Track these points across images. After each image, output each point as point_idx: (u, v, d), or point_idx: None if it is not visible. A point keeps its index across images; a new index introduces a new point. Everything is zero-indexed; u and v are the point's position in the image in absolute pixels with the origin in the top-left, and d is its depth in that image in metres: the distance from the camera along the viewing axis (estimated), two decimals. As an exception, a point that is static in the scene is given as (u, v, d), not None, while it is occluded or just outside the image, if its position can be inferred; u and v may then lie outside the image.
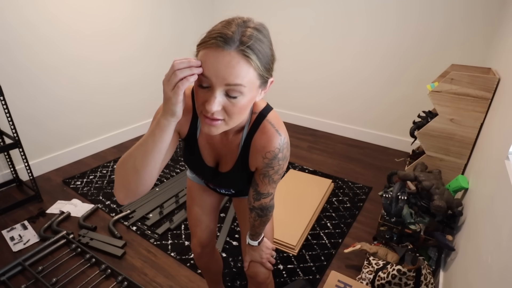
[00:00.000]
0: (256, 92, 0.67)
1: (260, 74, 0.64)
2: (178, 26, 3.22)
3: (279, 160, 0.79)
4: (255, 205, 0.90)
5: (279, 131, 0.77)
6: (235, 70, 0.59)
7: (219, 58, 0.59)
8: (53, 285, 1.51)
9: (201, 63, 0.60)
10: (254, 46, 0.60)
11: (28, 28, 2.10)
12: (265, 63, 0.64)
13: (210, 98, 0.62)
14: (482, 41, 2.38)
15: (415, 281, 1.38)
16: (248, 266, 1.05)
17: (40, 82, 2.26)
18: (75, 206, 2.10)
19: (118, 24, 2.67)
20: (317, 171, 2.63)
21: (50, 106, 2.37)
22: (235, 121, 0.68)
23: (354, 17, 2.85)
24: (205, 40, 0.61)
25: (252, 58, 0.60)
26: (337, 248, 1.81)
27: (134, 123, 3.12)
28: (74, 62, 2.43)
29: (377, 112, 3.06)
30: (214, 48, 0.59)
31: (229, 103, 0.63)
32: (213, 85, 0.61)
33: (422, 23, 2.57)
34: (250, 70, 0.61)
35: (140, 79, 3.02)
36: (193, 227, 1.14)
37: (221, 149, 0.84)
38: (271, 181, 0.83)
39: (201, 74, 0.61)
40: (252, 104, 0.70)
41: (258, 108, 0.79)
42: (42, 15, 2.15)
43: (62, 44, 2.32)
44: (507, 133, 1.22)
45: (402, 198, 1.62)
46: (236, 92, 0.62)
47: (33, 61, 2.19)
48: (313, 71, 3.27)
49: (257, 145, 0.78)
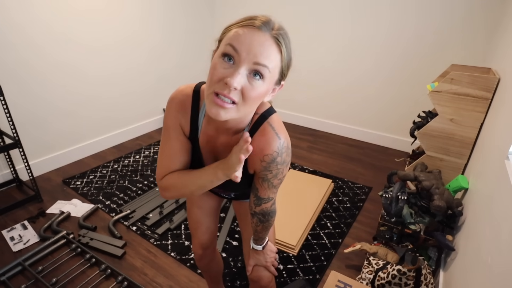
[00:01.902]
0: (271, 87, 0.68)
1: (282, 69, 0.67)
2: (178, 29, 3.23)
3: (277, 164, 0.77)
4: (256, 211, 0.88)
5: (278, 134, 0.75)
6: (267, 50, 0.62)
7: (255, 35, 0.61)
8: (53, 285, 1.51)
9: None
10: (285, 37, 0.65)
11: (28, 27, 2.10)
12: (288, 60, 0.68)
13: (234, 73, 0.61)
14: (482, 41, 2.37)
15: (415, 281, 1.38)
16: (252, 270, 1.03)
17: (40, 82, 2.26)
18: (75, 206, 2.10)
19: (118, 24, 2.67)
20: (317, 171, 2.63)
21: (50, 106, 2.37)
22: (246, 109, 0.67)
23: (354, 17, 2.85)
24: (241, 21, 0.64)
25: (283, 46, 0.64)
26: (337, 248, 1.81)
27: (134, 123, 3.12)
28: (74, 62, 2.43)
29: (377, 112, 3.06)
30: (251, 27, 0.62)
31: (249, 85, 0.63)
32: (240, 60, 0.61)
33: (422, 23, 2.57)
34: (277, 58, 0.64)
35: (140, 79, 3.02)
36: (193, 229, 1.13)
37: (221, 149, 0.83)
38: (270, 186, 0.82)
39: (232, 46, 0.62)
40: (262, 100, 0.70)
41: (261, 109, 0.78)
42: (43, 15, 2.15)
43: (63, 44, 2.32)
44: (507, 133, 1.22)
45: (402, 198, 1.62)
46: (260, 74, 0.63)
47: (33, 61, 2.19)
48: (313, 71, 3.27)
49: (255, 147, 0.75)
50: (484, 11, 2.30)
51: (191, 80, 3.44)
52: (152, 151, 2.90)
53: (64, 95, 2.44)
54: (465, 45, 2.45)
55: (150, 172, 2.55)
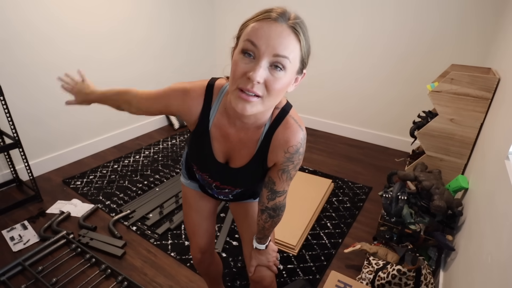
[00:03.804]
0: (293, 77, 0.69)
1: (302, 58, 0.68)
2: (176, 26, 3.22)
3: (299, 155, 0.80)
4: (269, 205, 0.89)
5: (301, 127, 0.79)
6: (286, 41, 0.62)
7: (272, 27, 0.62)
8: (53, 285, 1.51)
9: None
10: (302, 26, 0.65)
11: (27, 27, 2.10)
12: (307, 48, 0.68)
13: (255, 67, 0.62)
14: (482, 41, 2.37)
15: (415, 281, 1.38)
16: (254, 271, 1.03)
17: (40, 82, 2.26)
18: (75, 206, 2.10)
19: (118, 24, 2.67)
20: (317, 171, 2.63)
21: (50, 106, 2.37)
22: (271, 101, 0.68)
23: (354, 17, 2.85)
24: (256, 15, 0.65)
25: (301, 35, 0.64)
26: (337, 248, 1.81)
27: (134, 123, 3.12)
28: (74, 61, 2.43)
29: (377, 112, 3.06)
30: (267, 20, 0.63)
31: (271, 77, 0.63)
32: (260, 54, 0.62)
33: (422, 23, 2.57)
34: (297, 47, 0.65)
35: (139, 78, 3.02)
36: (191, 233, 1.13)
37: (235, 144, 0.83)
38: (288, 177, 0.84)
39: (250, 42, 0.62)
40: (286, 91, 0.71)
41: (281, 103, 0.80)
42: (41, 14, 2.15)
43: (62, 43, 2.32)
44: (507, 133, 1.22)
45: (402, 198, 1.62)
46: (281, 65, 0.63)
47: (33, 60, 2.19)
48: (313, 71, 3.27)
49: (279, 140, 0.78)
50: (484, 11, 2.30)
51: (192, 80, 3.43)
52: (152, 151, 2.90)
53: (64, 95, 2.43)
54: (465, 45, 2.45)
55: (150, 172, 2.55)
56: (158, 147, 2.97)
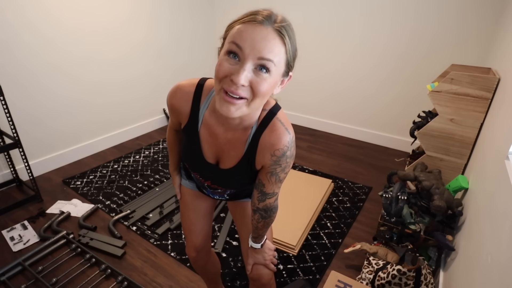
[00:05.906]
0: (279, 79, 0.69)
1: (287, 61, 0.67)
2: (176, 26, 3.22)
3: (287, 158, 0.79)
4: (260, 206, 0.89)
5: (288, 129, 0.78)
6: (270, 44, 0.62)
7: (256, 30, 0.62)
8: (53, 285, 1.51)
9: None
10: (287, 29, 0.65)
11: (27, 27, 2.10)
12: (293, 51, 0.68)
13: (240, 69, 0.62)
14: (482, 41, 2.37)
15: (415, 281, 1.38)
16: (252, 269, 1.04)
17: (40, 82, 2.26)
18: (75, 206, 2.10)
19: (118, 24, 2.67)
20: (317, 171, 2.63)
21: (50, 106, 2.37)
22: (257, 103, 0.68)
23: (354, 18, 2.85)
24: (242, 17, 0.64)
25: (286, 38, 0.64)
26: (337, 248, 1.81)
27: (134, 123, 3.12)
28: (74, 62, 2.43)
29: (377, 112, 3.06)
30: (252, 23, 0.62)
31: (256, 79, 0.64)
32: (245, 57, 0.62)
33: (422, 23, 2.57)
34: (282, 50, 0.64)
35: (140, 78, 3.02)
36: (187, 232, 1.13)
37: (224, 145, 0.83)
38: (277, 180, 0.83)
39: (235, 44, 0.62)
40: (271, 93, 0.72)
41: (268, 105, 0.79)
42: (41, 15, 2.15)
43: (62, 43, 2.32)
44: (507, 133, 1.22)
45: (402, 198, 1.62)
46: (265, 68, 0.63)
47: (33, 60, 2.19)
48: (313, 70, 3.27)
49: (266, 143, 0.77)
50: (484, 11, 2.30)
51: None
52: (152, 151, 2.90)
53: (64, 95, 2.44)
54: (465, 45, 2.45)
55: (150, 172, 2.55)
56: (158, 147, 2.98)
